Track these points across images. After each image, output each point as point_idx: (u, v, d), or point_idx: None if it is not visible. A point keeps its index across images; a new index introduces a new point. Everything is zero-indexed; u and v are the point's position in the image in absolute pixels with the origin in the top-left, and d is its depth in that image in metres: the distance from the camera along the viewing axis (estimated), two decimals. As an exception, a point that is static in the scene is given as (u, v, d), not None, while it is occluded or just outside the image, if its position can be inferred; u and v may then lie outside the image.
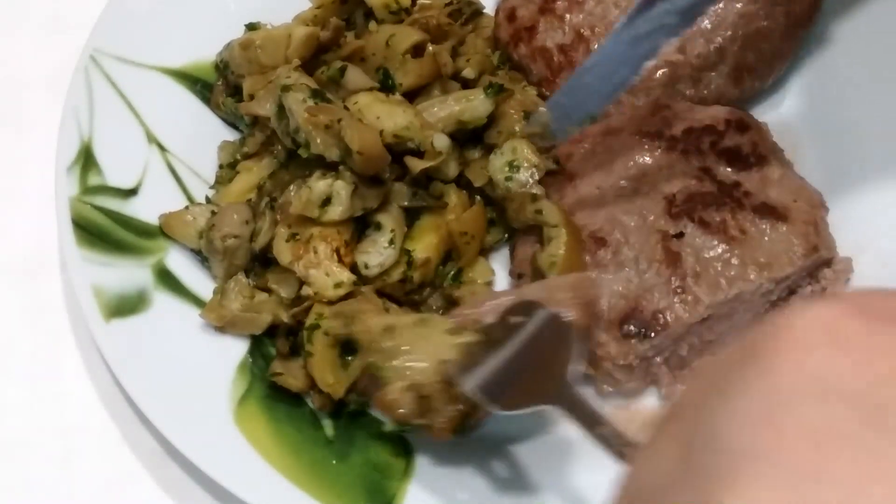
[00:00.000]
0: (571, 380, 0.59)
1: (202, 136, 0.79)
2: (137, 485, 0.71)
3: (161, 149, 0.78)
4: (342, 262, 0.70)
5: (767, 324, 0.27)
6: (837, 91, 0.81)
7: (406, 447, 0.69)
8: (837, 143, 0.80)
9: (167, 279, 0.73)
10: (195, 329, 0.71)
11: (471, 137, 0.76)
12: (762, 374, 0.26)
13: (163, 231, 0.74)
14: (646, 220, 0.72)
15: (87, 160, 0.76)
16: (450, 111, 0.75)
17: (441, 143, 0.72)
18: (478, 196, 0.76)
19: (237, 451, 0.67)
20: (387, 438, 0.69)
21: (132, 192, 0.76)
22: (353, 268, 0.71)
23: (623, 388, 0.71)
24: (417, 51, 0.77)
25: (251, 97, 0.76)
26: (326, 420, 0.69)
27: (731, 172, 0.74)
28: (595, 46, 0.80)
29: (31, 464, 0.72)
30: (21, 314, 0.78)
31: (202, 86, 0.81)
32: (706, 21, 0.79)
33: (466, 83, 0.79)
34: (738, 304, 0.70)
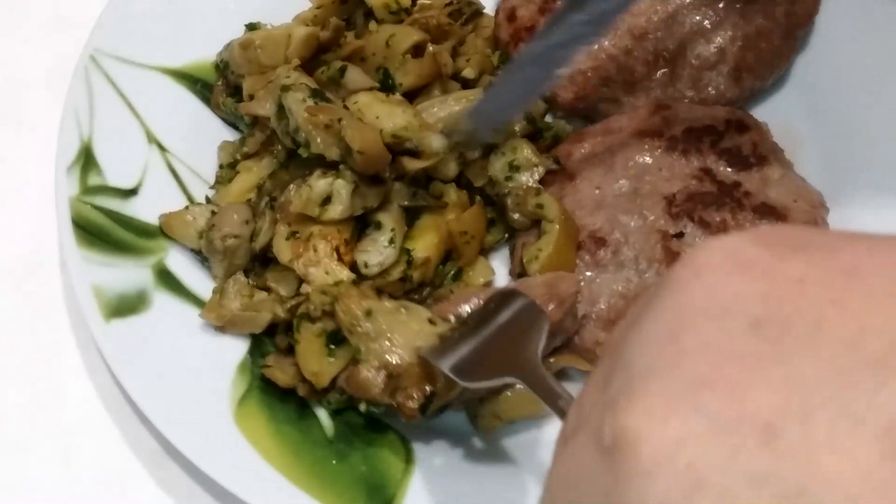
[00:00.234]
0: (537, 358, 0.61)
1: (202, 136, 0.79)
2: (137, 485, 0.71)
3: (161, 149, 0.78)
4: (342, 261, 0.70)
5: (679, 259, 0.29)
6: (837, 91, 0.82)
7: (406, 447, 0.69)
8: (837, 143, 0.80)
9: (167, 279, 0.73)
10: (195, 329, 0.71)
11: None
12: (667, 299, 0.28)
13: (163, 231, 0.74)
14: (646, 220, 0.72)
15: (87, 160, 0.75)
16: (450, 111, 0.75)
17: (438, 144, 0.72)
18: (478, 196, 0.76)
19: (237, 451, 0.67)
20: (387, 438, 0.69)
21: (132, 192, 0.76)
22: (353, 266, 0.71)
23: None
24: (417, 51, 0.77)
25: (251, 97, 0.76)
26: (326, 420, 0.69)
27: (732, 172, 0.74)
28: (595, 47, 0.80)
29: (31, 464, 0.72)
30: (21, 314, 0.78)
31: (202, 86, 0.81)
32: (706, 21, 0.79)
33: (466, 83, 0.79)
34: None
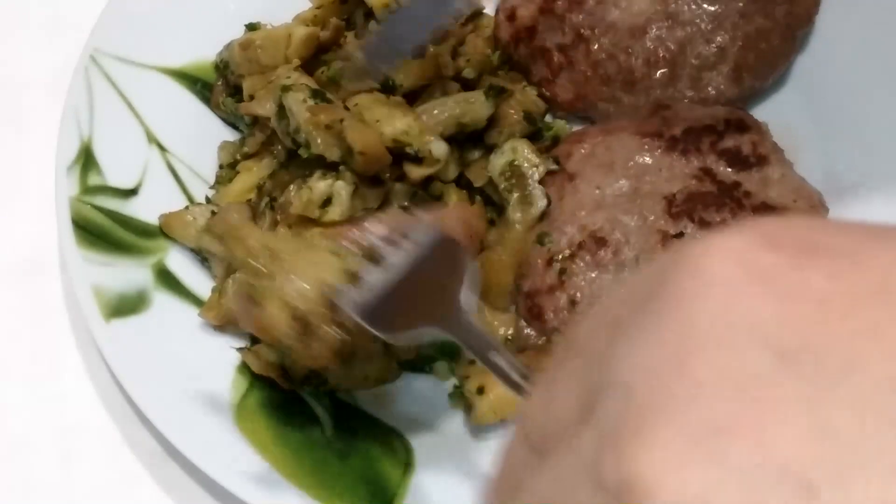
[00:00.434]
0: (463, 305, 0.56)
1: (202, 136, 0.79)
2: (137, 485, 0.71)
3: (161, 149, 0.78)
4: None
5: (675, 255, 0.25)
6: (837, 91, 0.81)
7: (406, 447, 0.69)
8: (837, 143, 0.80)
9: (167, 279, 0.73)
10: (195, 329, 0.71)
11: (471, 137, 0.76)
12: (672, 315, 0.24)
13: (163, 231, 0.74)
14: (646, 220, 0.72)
15: (87, 160, 0.75)
16: (450, 113, 0.74)
17: (439, 151, 0.72)
18: (478, 196, 0.76)
19: (237, 451, 0.67)
20: (387, 438, 0.69)
21: (132, 192, 0.76)
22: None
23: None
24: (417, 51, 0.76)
25: (251, 97, 0.76)
26: (326, 420, 0.69)
27: (731, 172, 0.74)
28: (595, 47, 0.80)
29: (31, 464, 0.72)
30: (21, 314, 0.77)
31: (202, 86, 0.81)
32: (706, 21, 0.79)
33: (467, 84, 0.79)
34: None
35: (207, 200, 0.77)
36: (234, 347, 0.71)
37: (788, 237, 0.25)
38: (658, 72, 0.79)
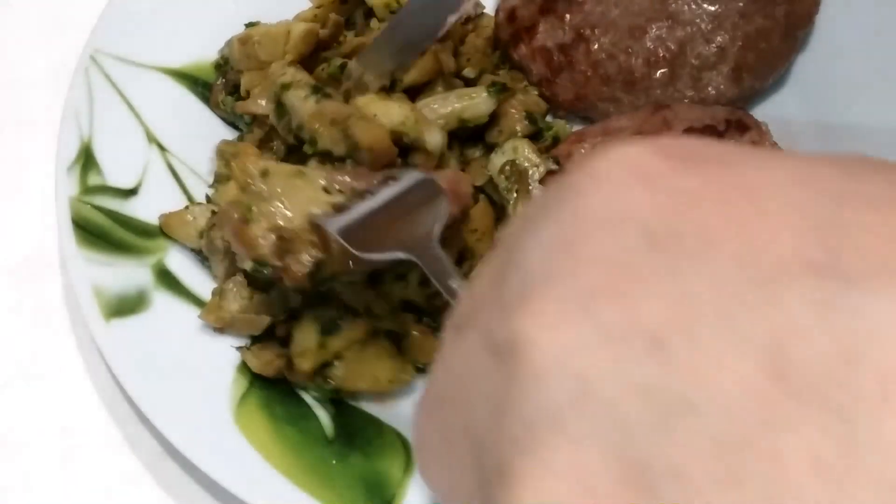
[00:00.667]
0: (434, 238, 0.60)
1: (202, 137, 0.79)
2: (137, 485, 0.71)
3: (161, 149, 0.78)
4: None
5: (578, 164, 0.29)
6: (837, 91, 0.82)
7: (406, 446, 0.69)
8: (837, 144, 0.80)
9: (167, 279, 0.73)
10: (195, 329, 0.71)
11: (471, 136, 0.76)
12: (567, 205, 0.28)
13: (163, 231, 0.74)
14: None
15: (87, 160, 0.75)
16: (451, 108, 0.74)
17: (434, 140, 0.71)
18: (481, 193, 0.76)
19: (237, 451, 0.67)
20: (387, 438, 0.69)
21: (132, 192, 0.76)
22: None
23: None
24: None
25: (248, 93, 0.76)
26: (326, 420, 0.69)
27: (732, 172, 0.74)
28: (595, 47, 0.80)
29: (31, 464, 0.72)
30: (21, 314, 0.77)
31: (203, 86, 0.81)
32: (706, 21, 0.79)
33: (467, 83, 0.79)
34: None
35: (207, 199, 0.77)
36: (234, 347, 0.71)
37: (678, 149, 0.28)
38: (658, 72, 0.79)
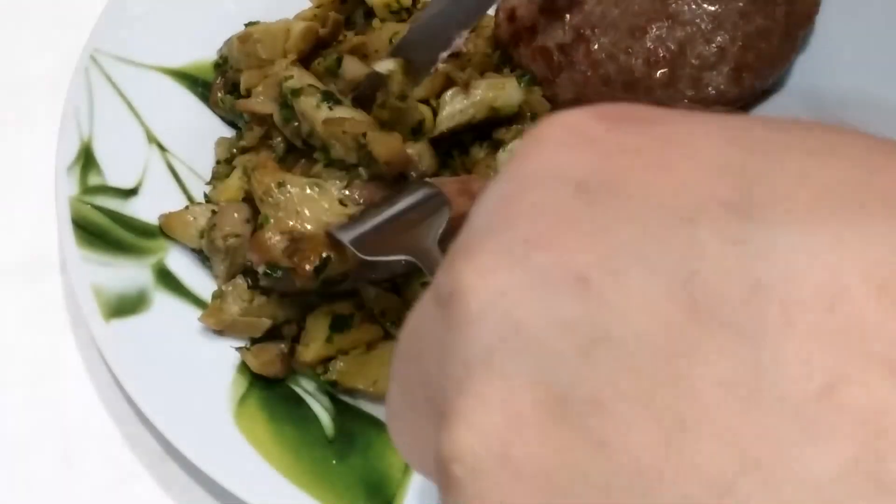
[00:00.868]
0: (434, 241, 0.63)
1: (202, 137, 0.79)
2: (137, 485, 0.71)
3: (161, 149, 0.78)
4: None
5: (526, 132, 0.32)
6: (837, 91, 0.82)
7: (406, 447, 0.69)
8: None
9: (167, 279, 0.73)
10: (195, 329, 0.71)
11: (479, 135, 0.76)
12: (510, 168, 0.30)
13: (163, 231, 0.74)
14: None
15: (87, 160, 0.75)
16: (482, 97, 0.74)
17: (384, 66, 0.72)
18: None
19: (237, 451, 0.67)
20: (387, 438, 0.69)
21: (132, 192, 0.76)
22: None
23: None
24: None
25: (248, 91, 0.76)
26: (326, 420, 0.69)
27: (732, 172, 0.74)
28: (595, 47, 0.80)
29: (31, 464, 0.72)
30: (21, 314, 0.77)
31: (203, 86, 0.81)
32: (706, 21, 0.79)
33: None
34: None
35: (206, 196, 0.77)
36: (234, 347, 0.71)
37: (613, 111, 0.30)
38: (658, 72, 0.79)
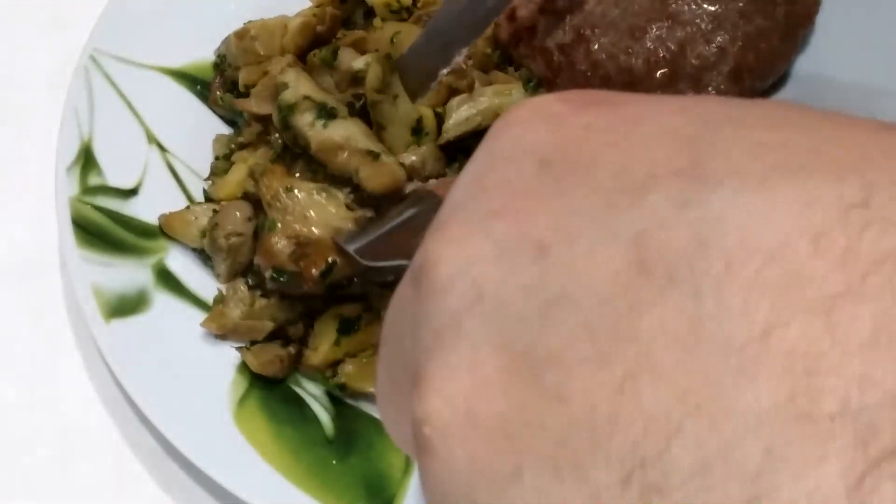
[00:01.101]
0: None
1: (202, 136, 0.79)
2: (137, 485, 0.71)
3: (161, 149, 0.78)
4: None
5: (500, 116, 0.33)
6: (837, 91, 0.82)
7: (406, 447, 0.69)
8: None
9: (167, 279, 0.73)
10: (195, 329, 0.71)
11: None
12: (481, 148, 0.32)
13: (163, 231, 0.74)
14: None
15: (87, 160, 0.75)
16: (488, 105, 0.74)
17: (359, 62, 0.71)
18: None
19: (237, 451, 0.67)
20: (387, 438, 0.69)
21: (132, 192, 0.76)
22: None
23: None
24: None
25: (246, 87, 0.76)
26: (326, 420, 0.69)
27: (732, 172, 0.74)
28: (595, 47, 0.80)
29: (31, 464, 0.72)
30: (21, 314, 0.77)
31: (203, 86, 0.81)
32: (706, 21, 0.79)
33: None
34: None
35: (204, 192, 0.76)
36: (235, 347, 0.71)
37: (579, 94, 0.31)
38: (658, 72, 0.79)
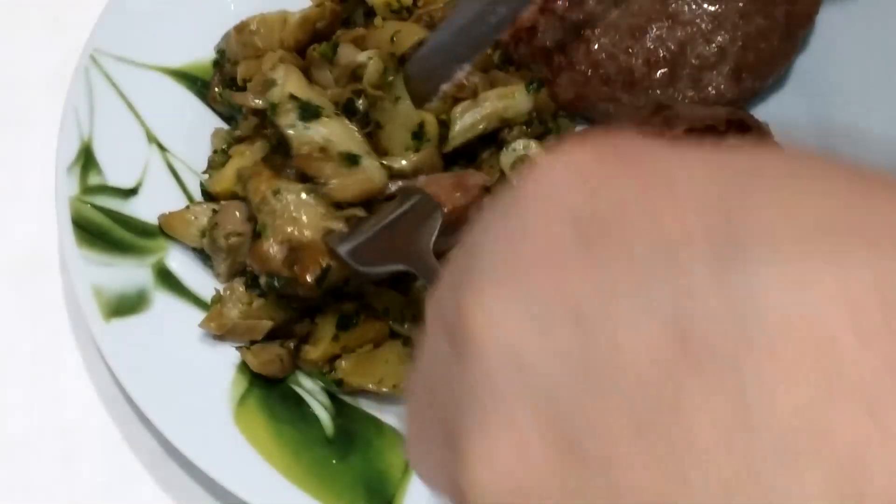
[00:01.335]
0: (428, 248, 0.64)
1: (202, 136, 0.79)
2: (137, 485, 0.71)
3: (161, 148, 0.78)
4: None
5: (528, 169, 0.33)
6: (837, 91, 0.82)
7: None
8: (837, 143, 0.80)
9: (167, 279, 0.73)
10: (195, 329, 0.71)
11: (483, 139, 0.75)
12: (514, 205, 0.32)
13: (163, 231, 0.74)
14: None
15: (87, 160, 0.75)
16: (493, 109, 0.74)
17: (361, 56, 0.71)
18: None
19: (237, 451, 0.67)
20: (387, 438, 0.69)
21: (132, 192, 0.76)
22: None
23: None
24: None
25: (245, 82, 0.76)
26: (326, 420, 0.69)
27: (732, 172, 0.74)
28: (595, 47, 0.80)
29: (31, 464, 0.72)
30: (21, 314, 0.77)
31: (203, 85, 0.81)
32: (706, 21, 0.79)
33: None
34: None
35: (202, 186, 0.76)
36: (234, 346, 0.71)
37: (609, 149, 0.31)
38: (658, 72, 0.80)
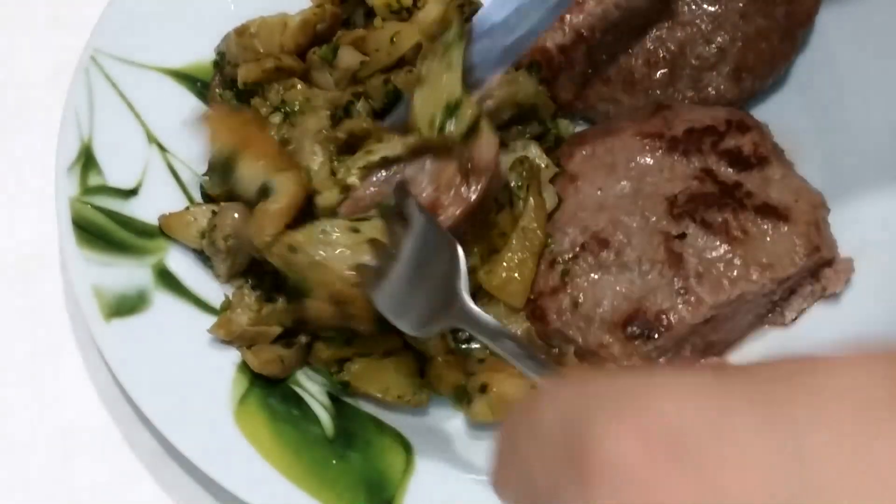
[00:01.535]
0: (464, 294, 0.63)
1: (203, 137, 0.79)
2: (137, 485, 0.71)
3: (161, 149, 0.78)
4: None
5: (587, 436, 0.34)
6: (837, 91, 0.82)
7: (406, 447, 0.69)
8: (837, 143, 0.80)
9: (167, 279, 0.73)
10: (195, 329, 0.71)
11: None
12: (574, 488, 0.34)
13: (163, 231, 0.74)
14: (648, 222, 0.72)
15: (87, 160, 0.75)
16: (503, 97, 0.74)
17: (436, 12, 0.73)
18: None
19: (237, 451, 0.67)
20: (387, 438, 0.69)
21: (132, 192, 0.76)
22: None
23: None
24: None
25: (245, 85, 0.76)
26: (326, 420, 0.70)
27: (733, 173, 0.74)
28: (595, 47, 0.80)
29: (31, 464, 0.72)
30: (21, 314, 0.77)
31: (202, 86, 0.81)
32: (706, 21, 0.79)
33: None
34: (741, 305, 0.70)
35: (201, 187, 0.76)
36: (235, 346, 0.71)
37: (660, 441, 0.33)
38: (658, 72, 0.80)
